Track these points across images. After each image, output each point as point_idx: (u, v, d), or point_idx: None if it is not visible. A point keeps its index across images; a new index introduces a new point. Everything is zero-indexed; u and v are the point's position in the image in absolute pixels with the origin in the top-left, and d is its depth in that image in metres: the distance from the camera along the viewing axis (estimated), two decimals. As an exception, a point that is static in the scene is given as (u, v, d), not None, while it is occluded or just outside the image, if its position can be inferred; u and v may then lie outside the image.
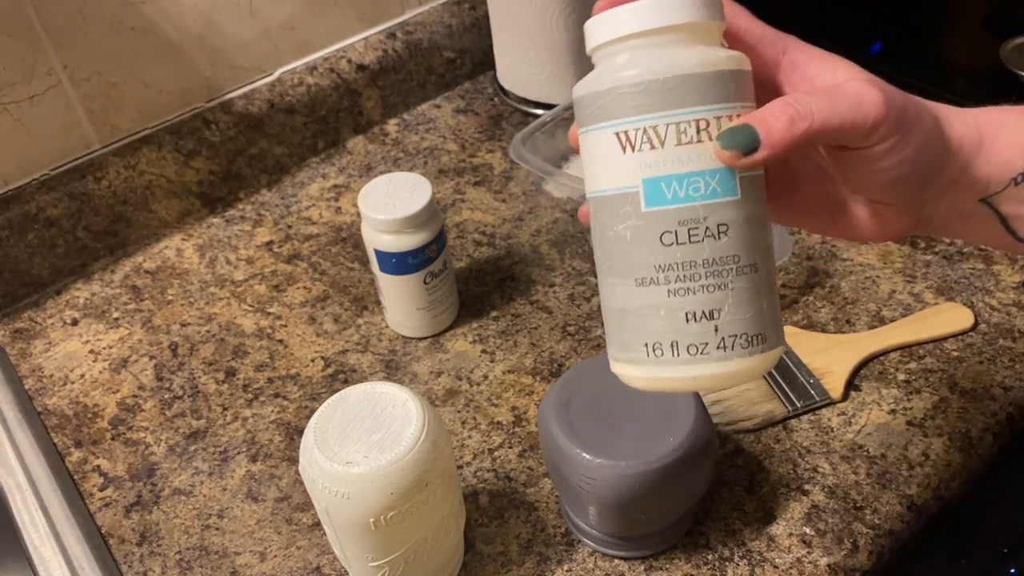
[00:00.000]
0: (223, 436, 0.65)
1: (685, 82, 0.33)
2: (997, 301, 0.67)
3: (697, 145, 0.33)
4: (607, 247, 0.36)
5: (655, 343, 0.35)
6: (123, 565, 0.58)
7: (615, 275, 0.36)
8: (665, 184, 0.34)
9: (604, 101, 0.34)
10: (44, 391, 0.70)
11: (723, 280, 0.34)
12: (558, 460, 0.51)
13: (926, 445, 0.59)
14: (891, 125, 0.34)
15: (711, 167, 0.34)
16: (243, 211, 0.85)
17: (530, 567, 0.55)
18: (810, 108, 0.33)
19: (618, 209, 0.35)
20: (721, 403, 0.61)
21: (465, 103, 0.96)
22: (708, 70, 0.33)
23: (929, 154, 0.36)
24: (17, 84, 0.73)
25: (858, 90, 0.34)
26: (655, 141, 0.33)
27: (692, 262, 0.34)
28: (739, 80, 0.34)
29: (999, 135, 0.37)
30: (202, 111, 0.83)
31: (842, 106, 0.34)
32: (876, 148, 0.35)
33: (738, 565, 0.54)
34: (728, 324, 0.34)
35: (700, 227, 0.34)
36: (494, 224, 0.80)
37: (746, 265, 0.34)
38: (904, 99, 0.35)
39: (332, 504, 0.46)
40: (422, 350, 0.69)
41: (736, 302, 0.34)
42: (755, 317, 0.34)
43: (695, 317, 0.34)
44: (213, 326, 0.73)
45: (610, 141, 0.34)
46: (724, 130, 0.33)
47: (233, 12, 0.81)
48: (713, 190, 0.33)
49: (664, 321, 0.34)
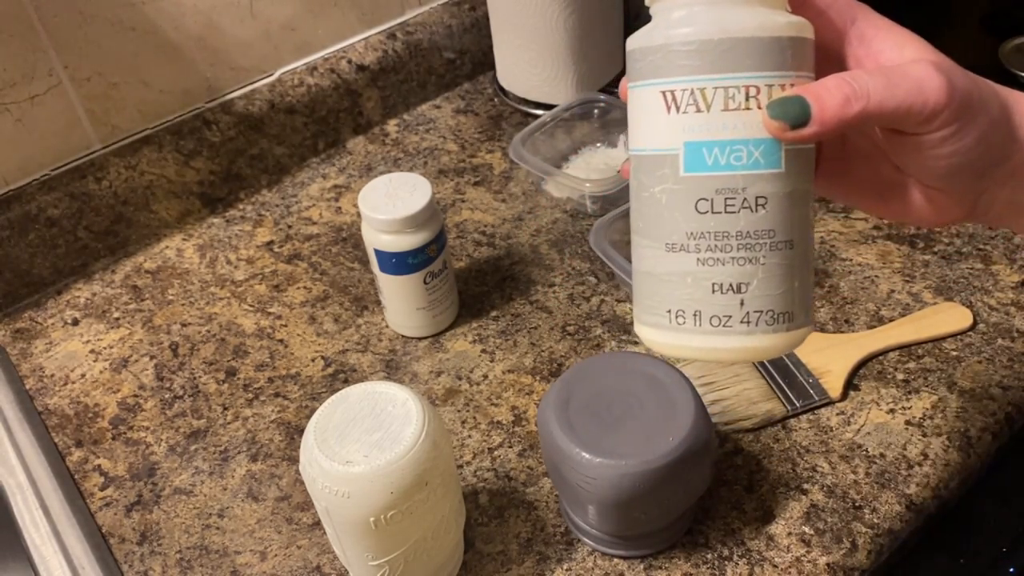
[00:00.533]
0: (223, 436, 0.65)
1: (738, 45, 0.32)
2: (996, 301, 0.68)
3: (745, 112, 0.32)
4: (642, 208, 0.35)
5: (679, 310, 0.34)
6: (123, 564, 0.58)
7: (647, 236, 0.35)
8: (707, 149, 0.33)
9: (654, 57, 0.33)
10: (45, 391, 0.70)
11: (755, 254, 0.33)
12: (558, 460, 0.51)
13: (925, 445, 0.59)
14: (951, 114, 0.33)
15: (756, 136, 0.32)
16: (243, 211, 0.85)
17: (530, 566, 0.55)
18: (867, 88, 0.32)
19: (656, 170, 0.34)
20: (720, 403, 0.61)
21: (465, 103, 0.96)
22: (764, 35, 0.32)
23: (991, 144, 0.34)
24: (18, 84, 0.73)
25: (921, 74, 0.32)
26: (701, 104, 0.32)
27: (725, 232, 0.33)
28: (798, 48, 0.33)
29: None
30: (202, 111, 0.83)
31: (901, 89, 0.32)
32: (933, 136, 0.33)
33: (737, 564, 0.54)
34: (755, 299, 0.33)
35: (738, 198, 0.33)
36: (494, 224, 0.80)
37: (781, 241, 0.33)
38: (970, 85, 0.33)
39: (332, 503, 0.46)
40: (422, 350, 0.70)
41: (766, 277, 0.33)
42: (784, 295, 0.34)
43: (722, 288, 0.33)
44: (213, 326, 0.74)
45: (656, 99, 0.33)
46: (775, 99, 0.32)
47: (233, 13, 0.81)
48: (756, 161, 0.32)
49: (690, 289, 0.34)
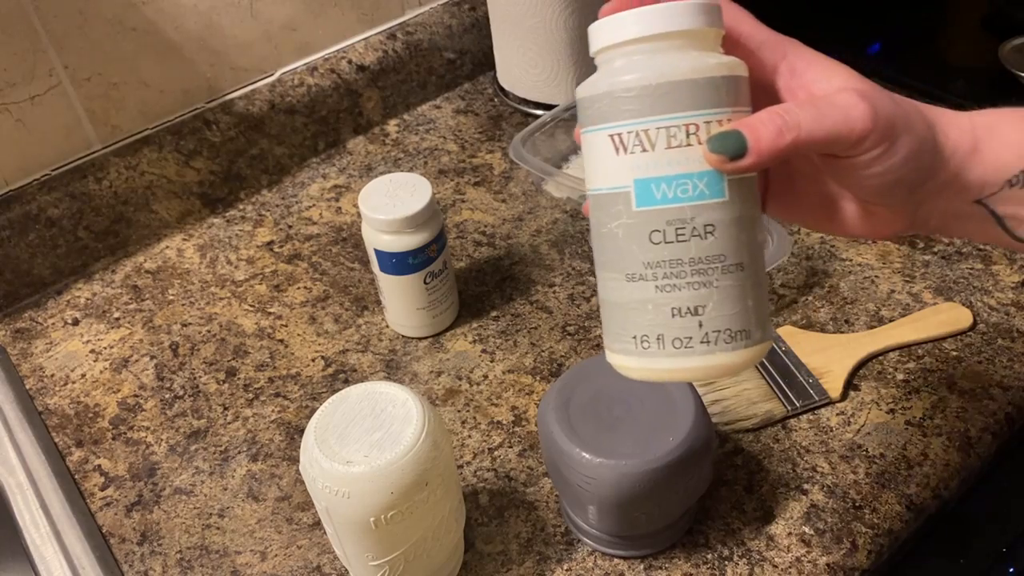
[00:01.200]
0: (224, 436, 0.65)
1: (675, 88, 0.34)
2: (996, 301, 0.68)
3: (687, 148, 0.35)
4: (602, 242, 0.37)
5: (643, 335, 0.36)
6: (124, 564, 0.58)
7: (609, 269, 0.37)
8: (655, 185, 0.35)
9: (601, 104, 0.36)
10: (45, 391, 0.70)
11: (708, 278, 0.35)
12: (558, 460, 0.51)
13: (925, 445, 0.59)
14: (877, 136, 0.35)
15: (699, 170, 0.35)
16: (244, 211, 0.85)
17: (530, 566, 0.55)
18: (798, 119, 0.34)
19: (611, 207, 0.36)
20: (720, 403, 0.61)
21: (465, 103, 0.96)
22: (699, 76, 0.34)
23: (919, 161, 0.36)
24: (18, 84, 0.73)
25: (846, 102, 0.35)
26: (646, 144, 0.35)
27: (679, 260, 0.35)
28: (732, 85, 0.35)
29: (994, 138, 0.38)
30: (203, 111, 0.83)
31: (829, 119, 0.35)
32: (863, 158, 0.36)
33: (737, 564, 0.54)
34: (712, 320, 0.35)
35: (687, 227, 0.35)
36: (494, 224, 0.80)
37: (732, 264, 0.35)
38: (894, 109, 0.36)
39: (332, 503, 0.46)
40: (422, 350, 0.70)
41: (720, 299, 0.35)
42: (739, 314, 0.36)
43: (680, 312, 0.35)
44: (214, 326, 0.74)
45: (605, 142, 0.36)
46: (713, 135, 0.34)
47: (234, 13, 0.81)
48: (701, 192, 0.35)
49: (652, 315, 0.36)
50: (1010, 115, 0.38)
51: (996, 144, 0.38)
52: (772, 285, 0.71)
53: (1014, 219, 0.38)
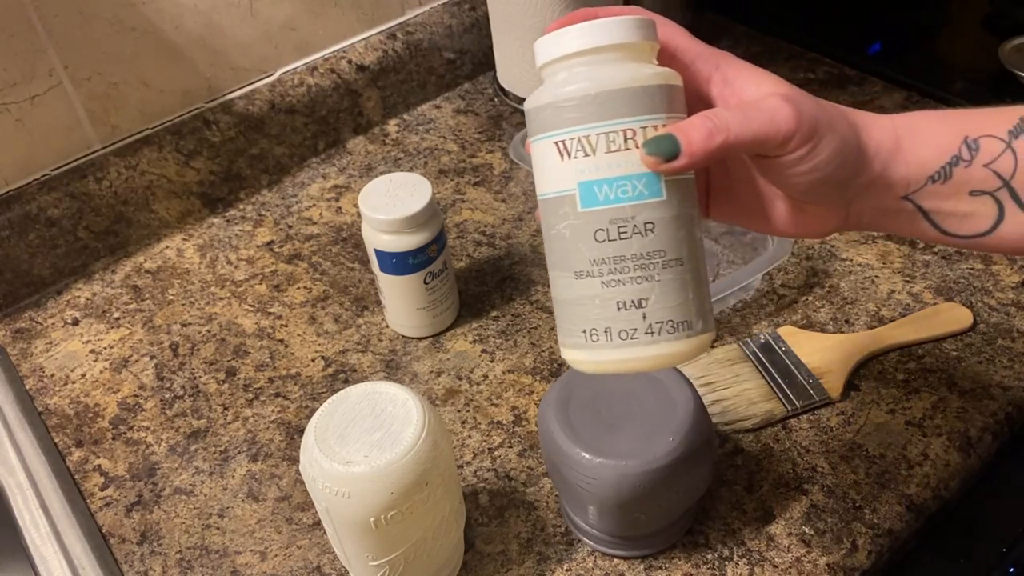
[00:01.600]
0: (224, 436, 0.65)
1: (613, 96, 0.37)
2: (996, 301, 0.68)
3: (625, 152, 0.37)
4: (552, 243, 0.39)
5: (591, 329, 0.38)
6: (124, 564, 0.58)
7: (558, 269, 0.39)
8: (597, 187, 0.37)
9: (546, 114, 0.38)
10: (45, 391, 0.70)
11: (650, 272, 0.37)
12: (558, 460, 0.51)
13: (925, 445, 0.59)
14: (802, 137, 0.37)
15: (638, 172, 0.37)
16: (244, 211, 0.85)
17: (530, 566, 0.55)
18: (727, 122, 0.37)
19: (559, 210, 0.38)
20: (721, 403, 0.61)
21: (465, 103, 0.96)
22: (634, 85, 0.37)
23: (844, 159, 0.39)
24: (18, 84, 0.73)
25: (772, 105, 0.37)
26: (588, 149, 0.37)
27: (622, 256, 0.37)
28: (666, 94, 0.38)
29: (916, 137, 0.40)
30: (203, 111, 0.83)
31: (756, 121, 0.37)
32: (790, 157, 0.38)
33: (737, 564, 0.54)
34: (655, 312, 0.37)
35: (628, 225, 0.37)
36: (494, 224, 0.80)
37: (672, 259, 0.38)
38: (817, 110, 0.38)
39: (332, 503, 0.46)
40: (422, 350, 0.70)
41: (662, 292, 0.38)
42: (681, 306, 0.38)
43: (625, 306, 0.37)
44: (214, 326, 0.74)
45: (551, 149, 0.38)
46: (649, 139, 0.37)
47: (233, 13, 0.81)
48: (640, 192, 0.37)
49: (599, 309, 0.38)
50: (929, 116, 0.41)
51: (917, 143, 0.40)
52: (772, 285, 0.71)
53: (939, 213, 0.41)
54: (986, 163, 0.39)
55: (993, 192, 0.40)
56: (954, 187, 0.40)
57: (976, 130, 0.40)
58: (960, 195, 0.40)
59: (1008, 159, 0.39)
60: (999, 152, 0.39)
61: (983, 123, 0.40)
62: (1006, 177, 0.39)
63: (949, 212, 0.40)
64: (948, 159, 0.40)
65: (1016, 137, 0.39)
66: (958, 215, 0.40)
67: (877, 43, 0.97)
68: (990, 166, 0.39)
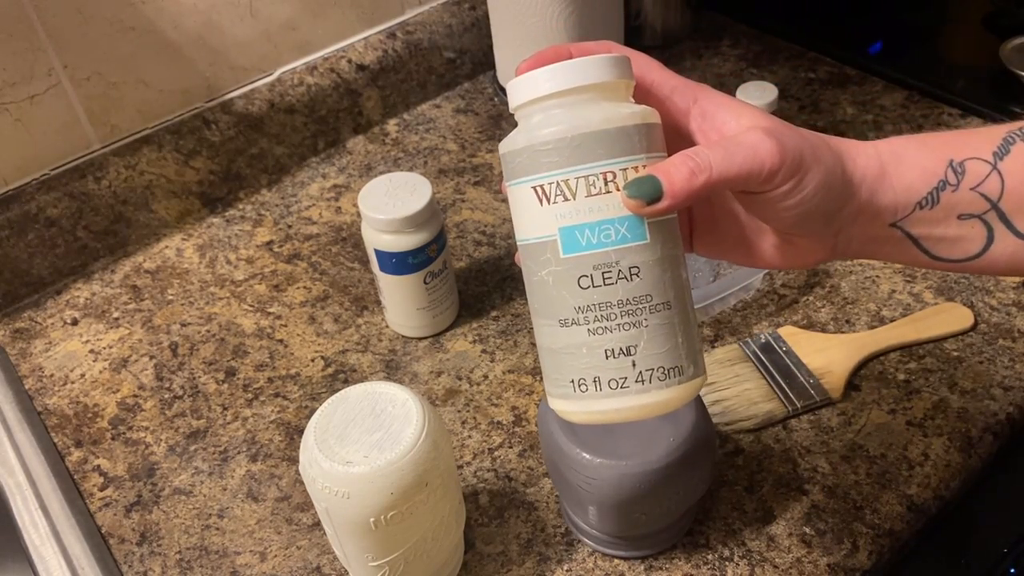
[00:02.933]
0: (223, 436, 0.65)
1: (590, 138, 0.36)
2: (997, 301, 0.67)
3: (606, 196, 0.36)
4: (534, 290, 0.38)
5: (580, 379, 0.37)
6: (123, 565, 0.58)
7: (542, 316, 0.38)
8: (579, 232, 0.36)
9: (522, 158, 0.37)
10: (44, 391, 0.70)
11: (638, 318, 0.36)
12: (558, 460, 0.51)
13: (926, 445, 0.59)
14: (787, 171, 0.36)
15: (620, 215, 0.36)
16: (243, 211, 0.85)
17: (530, 567, 0.55)
18: (709, 161, 0.36)
19: (540, 256, 0.37)
20: (721, 403, 0.61)
21: (465, 103, 0.96)
22: (612, 126, 0.36)
23: (830, 191, 0.38)
24: (17, 84, 0.73)
25: (754, 140, 0.36)
26: (567, 193, 0.36)
27: (608, 303, 0.36)
28: (645, 133, 0.37)
29: (901, 163, 0.39)
30: (202, 111, 0.83)
31: (738, 157, 0.36)
32: (775, 192, 0.37)
33: (738, 565, 0.54)
34: (645, 359, 0.36)
35: (613, 270, 0.36)
36: (494, 224, 0.80)
37: (659, 303, 0.37)
38: (801, 143, 0.37)
39: (332, 504, 0.46)
40: (422, 350, 0.70)
41: (651, 338, 0.36)
42: (671, 351, 0.37)
43: (614, 353, 0.36)
44: (213, 326, 0.73)
45: (529, 194, 0.37)
46: (630, 181, 0.36)
47: (233, 12, 0.81)
48: (623, 236, 0.36)
49: (586, 358, 0.37)
50: (913, 140, 0.40)
51: (902, 169, 0.39)
52: (773, 285, 0.71)
53: (928, 239, 0.40)
54: (973, 186, 0.39)
55: (982, 215, 0.39)
56: (942, 212, 0.39)
57: (961, 153, 0.39)
58: (949, 220, 0.39)
59: (995, 181, 0.39)
60: (985, 174, 0.39)
61: (967, 145, 0.39)
62: (994, 199, 0.39)
63: (939, 237, 0.40)
64: (935, 184, 0.39)
65: (1001, 158, 0.39)
66: (948, 240, 0.40)
67: (878, 43, 0.97)
68: (977, 189, 0.39)
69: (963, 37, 1.00)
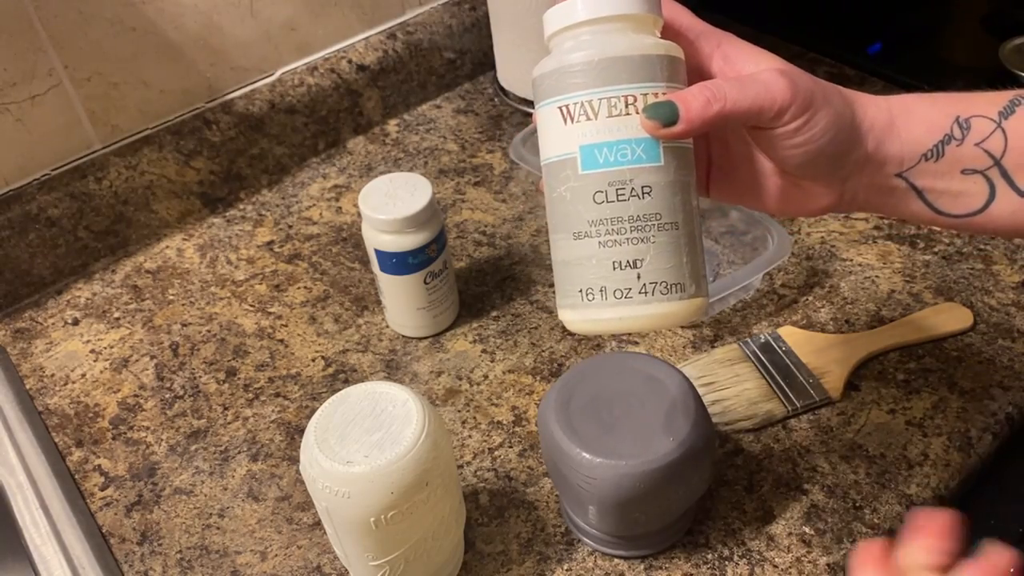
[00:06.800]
0: (224, 436, 0.65)
1: (615, 63, 0.38)
2: (996, 301, 0.68)
3: (625, 117, 0.38)
4: (553, 206, 0.40)
5: (587, 288, 0.39)
6: (124, 564, 0.58)
7: (559, 231, 0.40)
8: (598, 150, 0.38)
9: (551, 80, 0.39)
10: (45, 391, 0.70)
11: (646, 234, 0.38)
12: (558, 460, 0.51)
13: (925, 445, 0.59)
14: (797, 108, 0.39)
15: (637, 136, 0.38)
16: (244, 211, 0.85)
17: (530, 566, 0.55)
18: (724, 92, 0.38)
19: (561, 173, 0.39)
20: (721, 403, 0.61)
21: (465, 103, 0.96)
22: (636, 53, 0.38)
23: (838, 133, 0.40)
24: (18, 84, 0.73)
25: (768, 78, 0.39)
26: (590, 113, 0.38)
27: (619, 218, 0.38)
28: (667, 64, 0.39)
29: (909, 116, 0.41)
30: (203, 111, 0.83)
31: (751, 91, 0.38)
32: (785, 128, 0.39)
33: (738, 564, 0.54)
34: (649, 272, 0.38)
35: (627, 187, 0.38)
36: (494, 224, 0.80)
37: (667, 223, 0.39)
38: (813, 85, 0.40)
39: (333, 503, 0.46)
40: (422, 350, 0.70)
41: (657, 254, 0.38)
42: (674, 268, 0.39)
43: (620, 265, 0.38)
44: (214, 326, 0.74)
45: (555, 114, 0.39)
46: (649, 104, 0.38)
47: (233, 12, 0.81)
48: (639, 156, 0.38)
49: (595, 269, 0.39)
50: (923, 97, 0.42)
51: (910, 121, 0.41)
52: (772, 285, 0.71)
53: (932, 192, 0.42)
54: (977, 142, 0.40)
55: (984, 171, 0.41)
56: (946, 165, 0.41)
57: (967, 110, 0.41)
58: (952, 173, 0.41)
59: (998, 139, 0.40)
60: (989, 132, 0.40)
61: (974, 104, 0.41)
62: (996, 156, 0.40)
63: (942, 190, 0.41)
64: (940, 137, 0.40)
65: (1006, 118, 0.40)
66: (951, 194, 0.41)
67: (877, 43, 0.97)
68: (981, 145, 0.40)
69: (962, 37, 1.00)
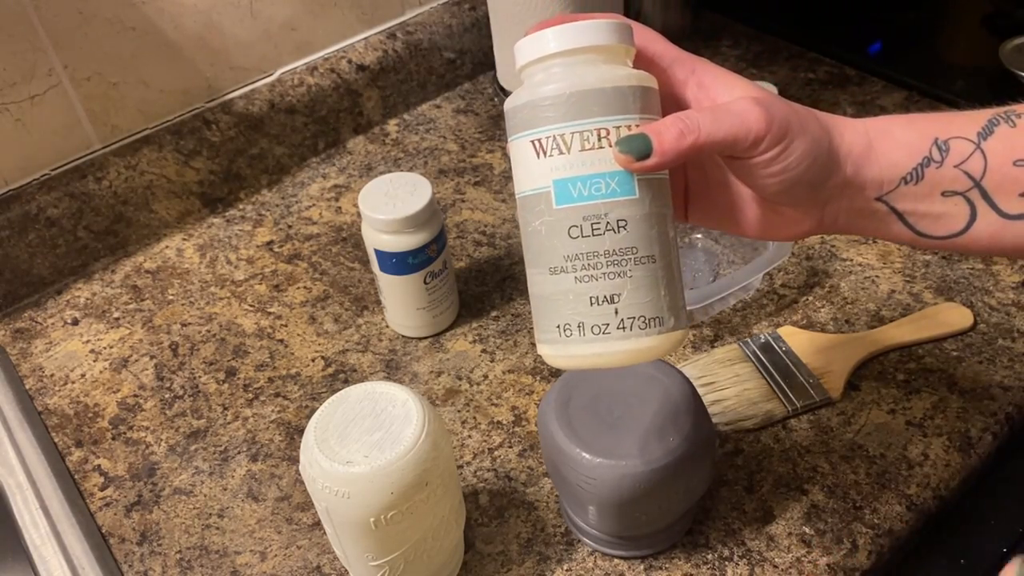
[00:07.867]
0: (223, 436, 0.65)
1: (587, 96, 0.37)
2: (996, 301, 0.68)
3: (599, 151, 0.38)
4: (529, 240, 0.40)
5: (565, 324, 0.39)
6: (123, 564, 0.58)
7: (535, 265, 0.40)
8: (571, 184, 0.38)
9: (523, 113, 0.39)
10: (45, 391, 0.70)
11: (623, 268, 0.38)
12: (558, 460, 0.51)
13: (925, 445, 0.59)
14: (772, 138, 0.38)
15: (611, 170, 0.38)
16: (243, 211, 0.85)
17: (530, 567, 0.55)
18: (697, 123, 0.38)
19: (535, 207, 0.39)
20: (721, 403, 0.61)
21: (465, 103, 0.96)
22: (608, 85, 0.38)
23: (815, 161, 0.39)
24: (18, 84, 0.73)
25: (742, 107, 0.38)
26: (563, 147, 0.38)
27: (595, 252, 0.38)
28: (640, 95, 0.38)
29: (888, 139, 0.41)
30: (202, 111, 0.83)
31: (726, 122, 0.38)
32: (761, 158, 0.39)
33: (738, 565, 0.54)
34: (627, 307, 0.38)
35: (602, 222, 0.38)
36: (494, 224, 0.80)
37: (644, 256, 0.38)
38: (788, 113, 0.39)
39: (332, 503, 0.46)
40: (422, 350, 0.70)
41: (634, 288, 0.38)
42: (652, 302, 0.38)
43: (598, 301, 0.38)
44: (213, 326, 0.74)
45: (527, 148, 0.39)
46: (622, 137, 0.38)
47: (233, 12, 0.81)
48: (613, 190, 0.38)
49: (572, 305, 0.39)
50: (900, 119, 0.42)
51: (889, 144, 0.41)
52: (772, 285, 0.71)
53: (913, 215, 0.41)
54: (956, 164, 0.40)
55: (964, 192, 0.40)
56: (926, 188, 0.40)
57: (946, 132, 0.40)
58: (933, 196, 0.40)
59: (978, 160, 0.40)
60: (968, 153, 0.40)
61: (952, 125, 0.41)
62: (976, 177, 0.40)
63: (923, 213, 0.41)
64: (919, 160, 0.40)
65: (985, 138, 0.40)
66: (932, 216, 0.41)
67: (877, 43, 0.97)
68: (960, 167, 0.40)
69: (962, 37, 1.00)
